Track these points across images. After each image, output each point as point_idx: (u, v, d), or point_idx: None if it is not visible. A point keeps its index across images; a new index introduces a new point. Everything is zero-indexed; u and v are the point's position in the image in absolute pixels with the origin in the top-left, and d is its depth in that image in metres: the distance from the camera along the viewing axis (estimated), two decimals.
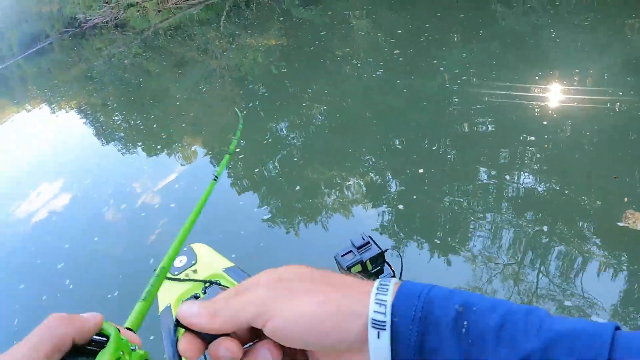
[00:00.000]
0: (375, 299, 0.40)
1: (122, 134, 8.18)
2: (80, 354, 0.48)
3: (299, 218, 4.06)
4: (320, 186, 4.45)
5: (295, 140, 5.59)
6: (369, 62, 7.21)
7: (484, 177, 3.79)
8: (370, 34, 8.90)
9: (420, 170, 4.05)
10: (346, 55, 8.02)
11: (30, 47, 53.46)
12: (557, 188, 3.47)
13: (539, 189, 3.51)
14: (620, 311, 2.52)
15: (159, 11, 18.73)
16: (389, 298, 0.40)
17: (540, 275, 2.82)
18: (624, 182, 3.27)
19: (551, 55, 5.63)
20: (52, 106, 12.66)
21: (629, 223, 2.88)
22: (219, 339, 0.46)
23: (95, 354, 0.48)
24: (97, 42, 18.63)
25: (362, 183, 4.28)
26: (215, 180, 1.34)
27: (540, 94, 4.77)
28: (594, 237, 2.94)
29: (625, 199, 3.08)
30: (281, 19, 12.45)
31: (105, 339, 0.50)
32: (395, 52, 7.08)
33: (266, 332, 0.43)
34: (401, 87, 5.93)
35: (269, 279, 0.45)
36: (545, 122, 4.20)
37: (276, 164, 5.10)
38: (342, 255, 1.95)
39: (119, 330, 0.52)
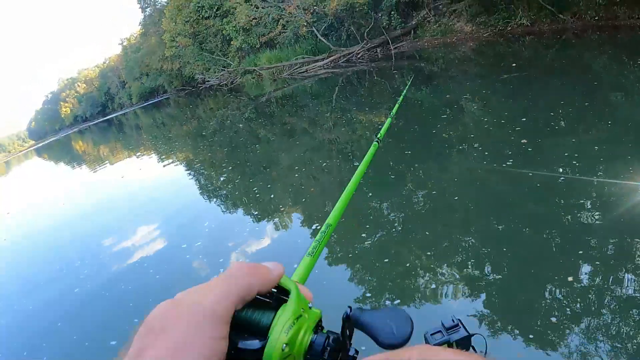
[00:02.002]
0: None
1: (224, 193, 8.35)
2: (260, 305, 0.49)
3: (388, 295, 3.87)
4: (415, 267, 4.22)
5: (396, 223, 5.40)
6: (492, 150, 7.00)
7: (587, 277, 3.38)
8: (485, 119, 8.71)
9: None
10: (457, 140, 7.86)
11: (148, 99, 58.01)
12: None
13: None
14: None
15: (274, 80, 19.60)
16: None
17: None
18: None
19: None
20: (162, 157, 13.30)
21: None
22: None
23: (273, 306, 0.49)
24: (211, 102, 19.66)
25: (457, 270, 3.99)
26: (377, 142, 1.32)
27: None
28: None
29: None
30: (394, 96, 12.56)
31: (277, 292, 0.51)
32: (523, 142, 6.82)
33: None
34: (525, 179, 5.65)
35: None
36: None
37: (372, 247, 4.92)
38: (432, 334, 1.80)
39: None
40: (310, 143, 9.92)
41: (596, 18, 14.80)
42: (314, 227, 5.71)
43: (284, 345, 0.46)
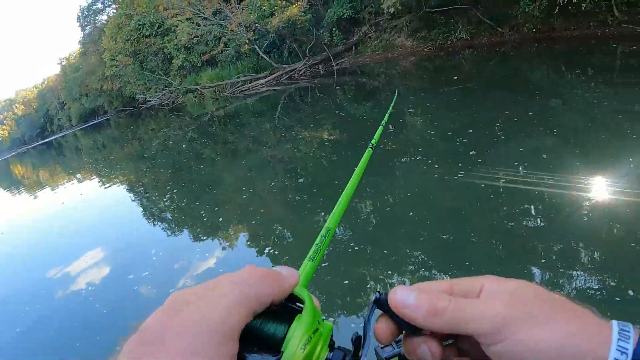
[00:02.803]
0: (617, 345, 0.38)
1: (169, 215, 8.24)
2: (271, 314, 0.44)
3: (342, 312, 3.93)
4: (367, 280, 4.33)
5: (342, 236, 5.47)
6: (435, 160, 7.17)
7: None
8: (432, 132, 8.93)
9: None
10: (395, 151, 8.03)
11: (88, 120, 56.46)
12: None
13: None
14: None
15: (216, 99, 19.50)
16: (630, 347, 0.38)
17: None
18: None
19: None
20: (104, 180, 12.98)
21: None
22: (425, 337, 0.45)
23: (286, 316, 0.45)
24: (152, 123, 19.36)
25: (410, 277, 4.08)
26: (371, 148, 1.34)
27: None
28: None
29: None
30: (338, 112, 12.73)
31: (287, 299, 0.47)
32: (472, 153, 7.04)
33: (491, 350, 0.41)
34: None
35: (504, 290, 0.43)
36: None
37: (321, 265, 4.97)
38: (382, 347, 1.84)
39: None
40: (255, 162, 9.92)
41: (534, 30, 15.56)
42: (266, 250, 5.68)
43: None
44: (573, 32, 14.81)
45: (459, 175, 6.19)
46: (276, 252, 5.48)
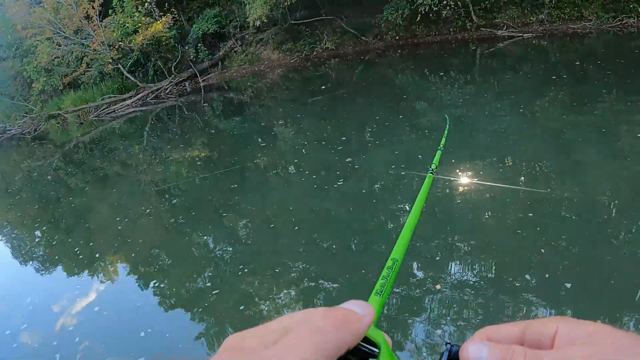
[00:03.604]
0: None
1: (41, 255, 7.97)
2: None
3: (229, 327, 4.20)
4: (255, 297, 4.67)
5: (223, 253, 5.79)
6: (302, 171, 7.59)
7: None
8: (305, 143, 9.33)
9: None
10: (270, 165, 8.43)
11: None
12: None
13: None
14: None
15: (81, 123, 18.83)
16: None
17: None
18: None
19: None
20: None
21: None
22: None
23: None
24: (14, 154, 18.29)
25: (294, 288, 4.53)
26: (432, 174, 1.35)
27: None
28: None
29: None
30: (207, 130, 12.96)
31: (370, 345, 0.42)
32: (348, 160, 7.47)
33: None
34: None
35: (581, 337, 0.39)
36: None
37: (206, 281, 5.28)
38: None
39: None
40: (127, 188, 9.93)
41: (397, 38, 16.92)
42: (152, 283, 5.66)
43: None
44: (435, 37, 16.38)
45: (339, 183, 6.63)
46: (162, 285, 5.55)
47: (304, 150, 8.90)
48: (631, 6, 13.50)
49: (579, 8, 14.50)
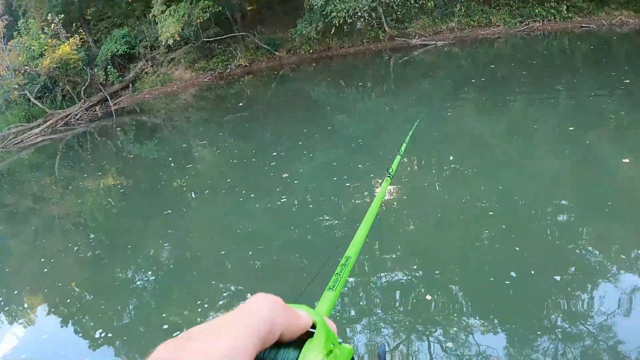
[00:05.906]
0: None
1: None
2: (281, 341, 0.41)
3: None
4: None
5: (147, 283, 5.82)
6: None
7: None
8: (234, 161, 9.38)
9: None
10: (198, 186, 8.42)
11: None
12: None
13: None
14: None
15: None
16: None
17: None
18: None
19: None
20: None
21: None
22: None
23: (297, 343, 0.42)
24: None
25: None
26: (389, 177, 1.39)
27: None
28: None
29: None
30: (122, 155, 12.75)
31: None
32: (285, 176, 7.58)
33: None
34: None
35: None
36: None
37: (130, 311, 5.29)
38: None
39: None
40: (42, 224, 9.56)
41: (310, 51, 17.37)
42: (98, 334, 5.32)
43: None
44: (348, 49, 16.97)
45: (282, 200, 6.71)
46: (111, 335, 5.19)
47: (234, 170, 8.93)
48: (536, 11, 14.86)
49: (487, 15, 15.81)
